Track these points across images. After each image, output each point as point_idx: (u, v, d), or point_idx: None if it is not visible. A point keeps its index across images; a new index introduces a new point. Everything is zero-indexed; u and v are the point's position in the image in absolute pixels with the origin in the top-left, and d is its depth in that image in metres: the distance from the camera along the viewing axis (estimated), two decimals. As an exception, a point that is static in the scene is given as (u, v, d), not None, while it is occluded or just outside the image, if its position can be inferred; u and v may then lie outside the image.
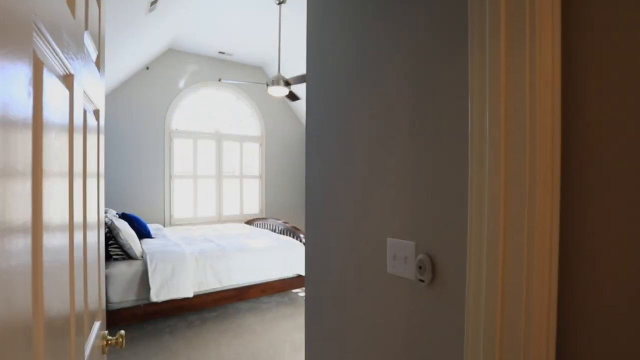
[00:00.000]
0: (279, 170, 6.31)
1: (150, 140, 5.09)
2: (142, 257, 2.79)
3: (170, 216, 5.23)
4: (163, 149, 5.17)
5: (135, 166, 4.97)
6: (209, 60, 5.53)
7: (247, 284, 3.15)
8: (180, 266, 2.74)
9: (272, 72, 5.96)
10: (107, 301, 2.55)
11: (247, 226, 4.58)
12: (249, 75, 5.93)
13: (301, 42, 4.73)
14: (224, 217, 5.72)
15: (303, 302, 3.56)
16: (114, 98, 4.81)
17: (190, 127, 5.45)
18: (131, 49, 4.12)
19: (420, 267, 0.91)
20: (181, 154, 5.34)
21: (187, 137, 5.38)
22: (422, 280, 0.91)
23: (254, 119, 6.06)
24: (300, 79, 3.43)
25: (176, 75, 5.28)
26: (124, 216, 3.23)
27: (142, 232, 3.28)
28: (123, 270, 2.61)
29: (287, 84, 3.54)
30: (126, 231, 2.74)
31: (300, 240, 3.77)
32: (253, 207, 6.07)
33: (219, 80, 5.59)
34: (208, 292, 2.93)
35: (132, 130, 4.95)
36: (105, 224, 2.78)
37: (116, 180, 4.83)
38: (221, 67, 5.65)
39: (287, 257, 3.39)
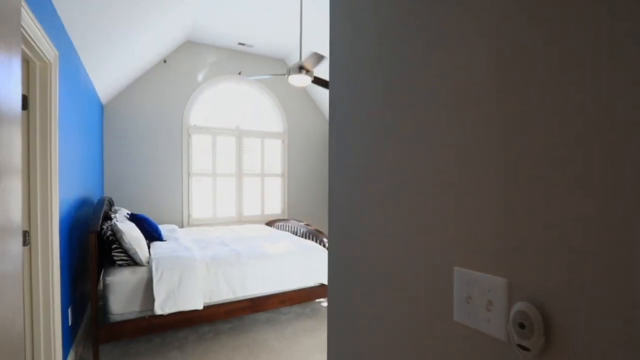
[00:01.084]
0: (302, 169, 5.98)
1: (167, 137, 4.89)
2: (148, 263, 2.53)
3: (189, 216, 5.02)
4: (181, 146, 4.97)
5: (152, 164, 4.79)
6: (228, 53, 5.28)
7: (263, 294, 2.82)
8: (189, 274, 2.45)
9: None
10: (108, 312, 2.29)
11: (268, 228, 4.27)
12: (270, 68, 5.63)
13: (325, 28, 4.37)
14: (244, 218, 5.45)
15: (326, 314, 3.22)
16: (130, 92, 4.64)
17: (209, 123, 5.21)
18: (147, 40, 3.91)
19: (521, 325, 0.52)
20: (200, 151, 5.12)
21: (206, 133, 5.15)
22: (525, 348, 0.52)
23: (276, 114, 5.76)
24: (316, 59, 3.06)
25: (194, 68, 5.05)
26: (133, 217, 3.00)
27: (153, 235, 3.03)
28: (126, 277, 2.35)
29: (305, 70, 3.18)
30: (131, 234, 2.48)
31: (324, 245, 3.40)
32: (274, 207, 5.77)
33: (239, 73, 5.33)
34: (220, 302, 2.63)
35: (148, 126, 4.77)
36: (108, 226, 2.54)
37: (132, 178, 4.66)
38: (241, 60, 5.38)
39: (309, 264, 3.04)
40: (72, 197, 2.36)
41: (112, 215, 2.99)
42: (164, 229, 3.63)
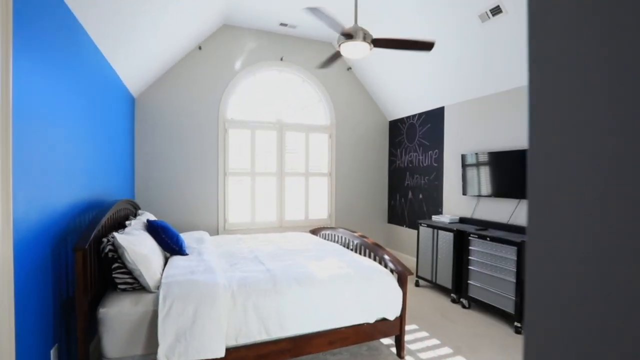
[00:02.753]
0: (352, 167, 5.21)
1: (202, 131, 4.38)
2: (158, 288, 1.91)
3: (225, 221, 4.47)
4: (217, 142, 4.43)
5: (185, 161, 4.29)
6: (269, 36, 4.67)
7: (307, 333, 2.10)
8: (208, 307, 1.80)
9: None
10: (102, 356, 1.70)
11: (313, 238, 3.56)
12: (316, 52, 4.93)
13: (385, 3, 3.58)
14: (285, 223, 4.81)
15: (388, 354, 2.46)
16: (161, 84, 4.18)
17: (248, 116, 4.64)
18: (178, 25, 3.39)
19: None
20: (237, 147, 4.55)
21: (244, 127, 4.57)
22: None
23: (323, 104, 5.05)
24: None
25: (231, 55, 4.50)
26: (150, 226, 2.43)
27: (172, 248, 2.44)
28: (126, 309, 1.75)
29: (363, 35, 2.41)
30: (137, 250, 1.88)
31: (386, 266, 2.62)
32: (320, 211, 5.06)
33: (281, 59, 4.69)
34: (249, 344, 1.95)
35: (182, 120, 4.29)
36: (107, 240, 1.96)
37: (162, 178, 4.19)
38: (283, 44, 4.74)
39: (368, 292, 2.27)
40: (62, 204, 1.81)
41: (127, 223, 2.45)
42: (190, 237, 3.06)
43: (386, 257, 2.65)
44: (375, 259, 2.81)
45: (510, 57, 3.16)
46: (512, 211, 3.42)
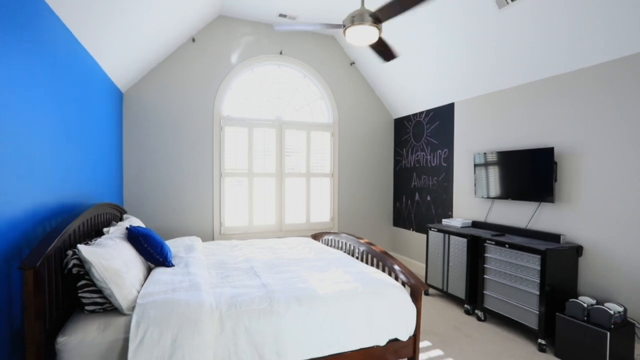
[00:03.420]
0: (356, 168, 4.92)
1: (196, 129, 4.10)
2: (134, 308, 1.63)
3: (221, 225, 4.19)
4: (212, 140, 4.15)
5: (177, 161, 4.01)
6: (267, 29, 4.38)
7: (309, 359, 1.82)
8: (190, 334, 1.51)
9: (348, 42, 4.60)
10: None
11: (315, 244, 3.27)
12: (318, 46, 4.65)
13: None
14: (285, 227, 4.52)
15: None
16: (152, 78, 3.90)
17: (245, 113, 4.35)
18: (168, 13, 3.12)
19: None
20: (234, 146, 4.27)
21: (241, 125, 4.29)
22: None
23: (325, 101, 4.77)
24: (396, 9, 2.00)
25: (227, 47, 4.22)
26: (130, 234, 2.14)
27: (156, 258, 2.16)
28: (91, 337, 1.46)
29: (377, 19, 2.13)
30: (106, 265, 1.60)
31: (396, 278, 2.33)
32: (322, 214, 4.77)
33: (280, 53, 4.41)
34: (241, 376, 1.66)
35: (173, 117, 4.01)
36: (72, 253, 1.67)
37: (154, 179, 3.91)
38: (282, 36, 4.46)
39: (376, 310, 1.99)
40: (15, 209, 1.52)
41: (106, 230, 2.17)
42: (180, 245, 2.77)
43: (396, 267, 2.36)
44: (384, 270, 2.53)
45: (529, 47, 2.87)
46: (531, 215, 3.13)
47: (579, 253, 2.73)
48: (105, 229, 2.13)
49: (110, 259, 1.66)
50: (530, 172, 3.03)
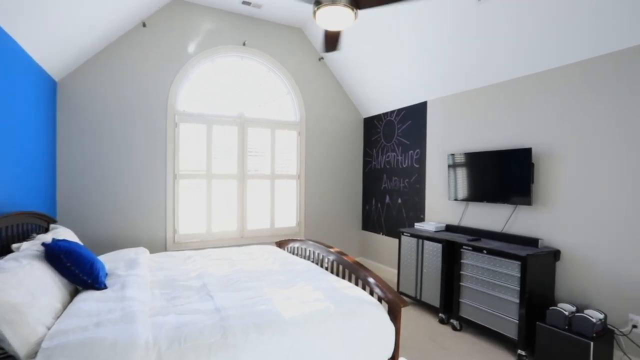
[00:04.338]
0: (323, 168, 4.66)
1: (146, 126, 3.64)
2: (35, 355, 1.23)
3: (175, 232, 3.76)
4: (165, 138, 3.71)
5: (124, 161, 3.54)
6: (229, 17, 4.02)
7: (272, 400, 1.51)
8: (115, 383, 1.15)
9: (317, 35, 4.34)
10: None
11: (279, 253, 2.96)
12: (285, 38, 4.35)
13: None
14: (247, 233, 4.16)
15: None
16: (93, 66, 3.40)
17: (203, 109, 3.95)
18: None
19: None
20: (190, 145, 3.86)
21: (199, 121, 3.88)
22: None
23: (291, 98, 4.47)
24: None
25: (184, 35, 3.80)
26: (51, 251, 1.71)
27: (83, 280, 1.75)
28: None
29: (355, 3, 1.86)
30: None
31: (371, 292, 2.08)
32: (288, 219, 4.46)
33: (243, 44, 4.06)
34: None
35: (120, 111, 3.53)
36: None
37: (96, 181, 3.41)
38: (246, 26, 4.11)
39: (351, 334, 1.71)
40: None
41: (15, 247, 1.73)
42: (120, 259, 2.35)
43: (370, 280, 2.11)
44: (357, 283, 2.27)
45: (509, 42, 2.74)
46: (507, 218, 3.01)
47: (556, 257, 2.63)
48: (14, 246, 1.70)
49: (8, 288, 1.26)
50: (506, 174, 2.90)
